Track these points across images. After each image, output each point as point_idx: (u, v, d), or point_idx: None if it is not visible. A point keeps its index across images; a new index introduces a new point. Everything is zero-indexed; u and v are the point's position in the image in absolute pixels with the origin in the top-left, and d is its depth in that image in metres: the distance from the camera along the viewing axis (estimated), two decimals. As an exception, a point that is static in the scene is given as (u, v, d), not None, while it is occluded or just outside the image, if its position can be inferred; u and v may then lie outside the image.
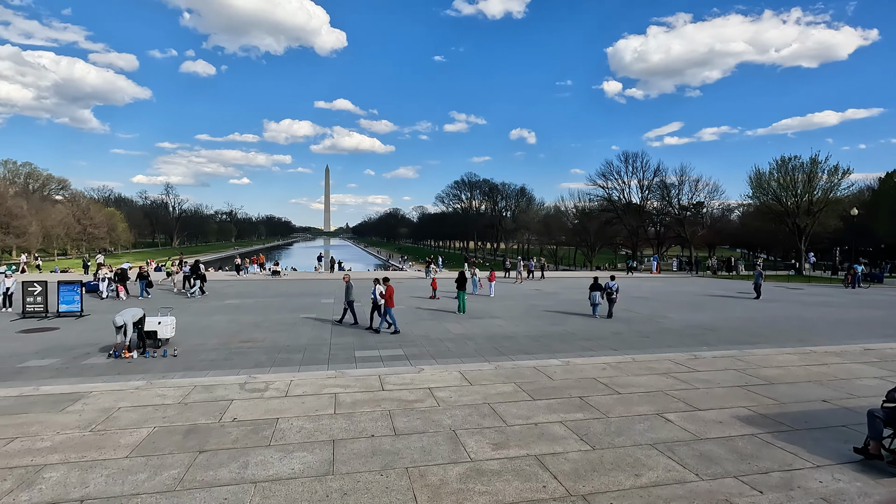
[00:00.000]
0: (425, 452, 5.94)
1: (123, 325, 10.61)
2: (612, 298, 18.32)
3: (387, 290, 14.36)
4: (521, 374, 9.44)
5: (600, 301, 18.36)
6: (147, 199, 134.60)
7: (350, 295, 15.52)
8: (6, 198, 75.15)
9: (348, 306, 15.77)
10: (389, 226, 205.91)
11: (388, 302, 14.26)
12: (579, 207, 77.20)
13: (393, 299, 14.42)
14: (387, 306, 14.23)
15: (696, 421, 7.08)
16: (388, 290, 14.36)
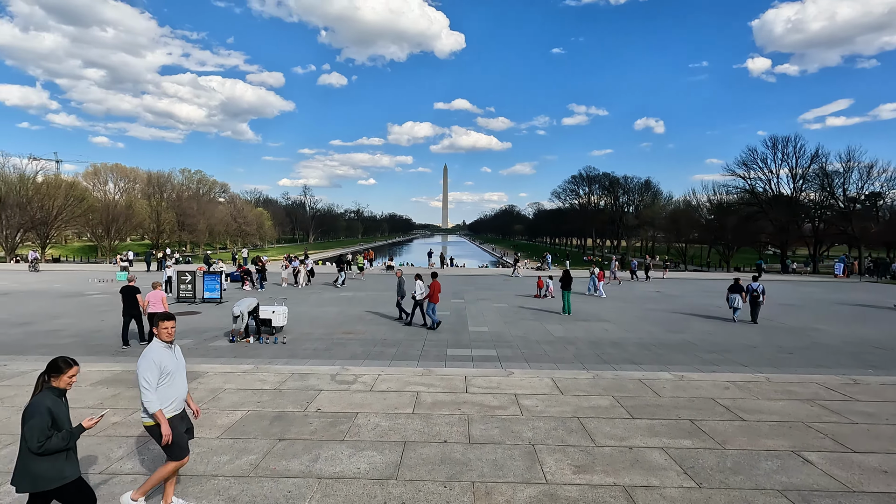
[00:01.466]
0: (497, 467, 5.45)
1: (240, 314, 11.73)
2: (758, 301, 16.14)
3: (432, 285, 14.34)
4: (621, 387, 8.41)
5: (741, 305, 16.41)
6: (288, 199, 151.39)
7: (402, 291, 15.51)
8: (182, 200, 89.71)
9: (399, 304, 15.67)
10: (505, 223, 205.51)
11: (432, 297, 14.23)
12: (714, 201, 69.04)
13: (437, 295, 14.38)
14: (430, 302, 14.21)
15: (849, 466, 5.57)
16: (434, 286, 14.33)
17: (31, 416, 3.35)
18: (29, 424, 3.33)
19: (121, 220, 71.63)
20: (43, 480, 3.40)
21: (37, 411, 3.36)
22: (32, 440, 3.32)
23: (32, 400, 3.46)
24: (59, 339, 12.39)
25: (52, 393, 3.52)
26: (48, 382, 3.55)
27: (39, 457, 3.37)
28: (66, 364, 3.58)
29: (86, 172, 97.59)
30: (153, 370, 4.17)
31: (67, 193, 64.53)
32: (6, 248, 55.03)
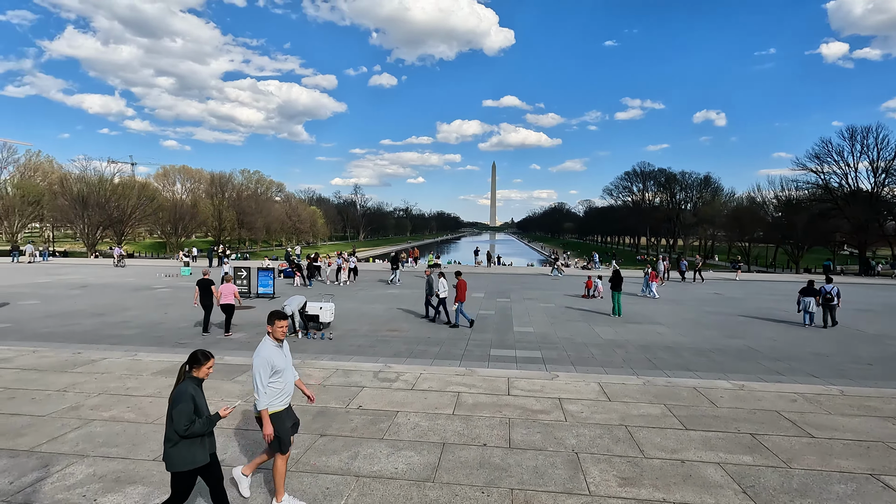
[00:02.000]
0: (537, 474, 5.26)
1: (292, 313, 12.07)
2: (832, 305, 15.11)
3: (458, 283, 14.32)
4: (674, 395, 7.95)
5: (815, 309, 15.46)
6: (340, 198, 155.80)
7: (431, 290, 15.34)
8: (242, 199, 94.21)
9: (428, 301, 15.52)
10: (554, 220, 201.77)
11: (458, 296, 14.26)
12: (782, 198, 64.47)
13: (464, 294, 14.35)
14: (457, 300, 14.27)
15: (939, 495, 4.95)
16: (460, 284, 14.29)
17: (177, 402, 3.67)
18: (177, 409, 3.64)
19: (186, 219, 76.27)
20: (179, 461, 3.72)
21: (182, 398, 3.68)
22: (179, 424, 3.63)
23: (178, 388, 3.77)
24: (127, 330, 13.28)
25: (192, 382, 3.84)
26: (189, 373, 3.86)
27: (181, 440, 3.68)
28: (204, 357, 3.90)
29: (156, 174, 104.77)
30: (266, 368, 4.35)
31: (140, 194, 69.44)
32: (87, 244, 59.91)
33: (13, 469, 5.18)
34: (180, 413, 3.63)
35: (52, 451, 5.59)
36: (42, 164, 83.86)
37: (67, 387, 7.89)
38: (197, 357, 3.87)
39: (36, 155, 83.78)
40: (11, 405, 7.07)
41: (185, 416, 3.64)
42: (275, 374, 4.41)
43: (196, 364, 3.86)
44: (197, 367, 3.86)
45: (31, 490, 4.76)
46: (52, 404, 7.10)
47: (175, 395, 3.71)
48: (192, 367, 3.86)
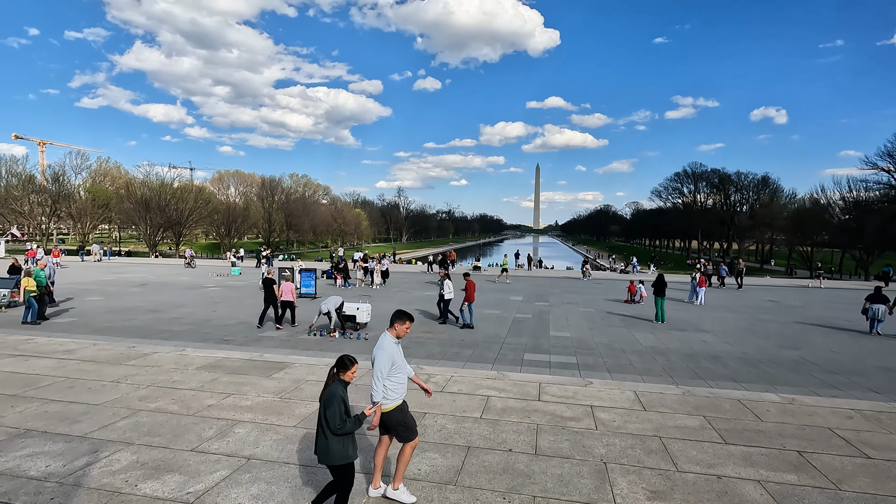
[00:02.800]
0: (562, 483, 5.14)
1: (328, 311, 12.44)
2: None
3: (467, 284, 14.45)
4: (716, 407, 7.56)
5: (884, 317, 14.62)
6: (384, 201, 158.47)
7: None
8: (290, 202, 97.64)
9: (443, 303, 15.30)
10: (600, 223, 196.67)
11: (468, 296, 14.35)
12: (849, 199, 60.03)
13: (473, 294, 14.45)
14: (466, 300, 14.38)
15: None
16: (469, 285, 14.42)
17: (330, 403, 3.98)
18: (331, 409, 3.96)
19: (239, 221, 79.78)
20: (336, 456, 4.04)
21: (334, 399, 3.99)
22: (334, 422, 3.95)
23: (328, 389, 4.08)
24: (178, 327, 14.04)
25: (341, 384, 4.15)
26: (337, 375, 4.17)
27: (335, 436, 3.99)
28: (350, 361, 4.19)
29: (212, 178, 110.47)
30: (387, 362, 4.57)
31: (197, 197, 73.29)
32: (149, 244, 63.88)
33: (67, 453, 5.59)
34: (334, 413, 3.94)
35: (102, 438, 6.00)
36: (111, 169, 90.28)
37: (120, 378, 8.43)
38: (344, 362, 4.16)
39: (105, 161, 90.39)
40: (71, 394, 7.64)
41: (339, 415, 3.94)
42: (394, 368, 4.64)
43: (343, 368, 4.15)
44: (344, 370, 4.15)
45: (80, 473, 5.12)
46: (106, 394, 7.61)
47: (327, 397, 4.02)
48: (339, 371, 4.16)
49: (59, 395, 7.56)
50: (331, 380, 4.16)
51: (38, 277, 14.38)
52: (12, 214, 62.88)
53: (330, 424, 3.95)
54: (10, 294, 16.72)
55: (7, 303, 16.53)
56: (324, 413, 3.99)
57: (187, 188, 77.93)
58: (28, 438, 5.96)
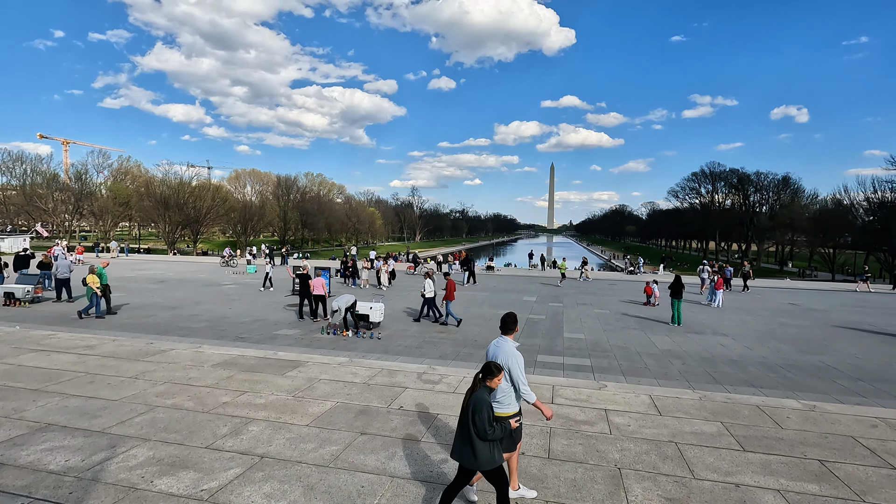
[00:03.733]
0: (575, 488, 5.08)
1: (338, 309, 12.52)
2: None
3: (448, 283, 14.81)
4: (734, 413, 7.40)
5: None
6: (397, 200, 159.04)
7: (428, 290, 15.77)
8: (305, 200, 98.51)
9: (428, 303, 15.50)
10: (615, 223, 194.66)
11: (447, 295, 14.69)
12: (874, 200, 58.41)
13: (453, 293, 14.85)
14: (445, 298, 14.72)
15: None
16: (449, 284, 14.78)
17: (480, 409, 4.04)
18: (479, 416, 4.02)
19: (255, 219, 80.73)
20: (484, 461, 4.09)
21: (483, 405, 4.06)
22: (483, 428, 4.01)
23: (476, 395, 4.13)
24: (195, 324, 14.24)
25: (486, 390, 4.22)
26: (483, 381, 4.24)
27: (482, 442, 4.06)
28: (497, 369, 4.27)
29: (229, 177, 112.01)
30: (523, 365, 4.73)
31: (214, 195, 74.33)
32: (168, 242, 64.99)
33: (86, 448, 5.69)
34: (483, 419, 4.00)
35: (119, 434, 6.10)
36: (131, 168, 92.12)
37: (139, 374, 8.57)
38: (491, 368, 4.23)
39: (126, 160, 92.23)
40: (91, 388, 7.79)
41: (487, 421, 4.02)
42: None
43: (490, 375, 4.21)
44: (490, 377, 4.20)
45: (98, 468, 5.21)
46: (125, 390, 7.75)
47: (475, 403, 4.07)
48: (486, 377, 4.22)
49: (79, 389, 7.72)
50: (476, 385, 4.22)
51: (101, 275, 15.28)
52: (37, 212, 64.55)
53: (479, 430, 4.02)
54: (34, 290, 17.13)
55: (31, 298, 16.94)
56: (471, 419, 4.04)
57: (205, 187, 79.04)
58: (49, 432, 6.09)
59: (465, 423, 4.11)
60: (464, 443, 4.14)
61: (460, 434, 4.18)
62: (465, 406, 4.15)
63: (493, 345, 4.92)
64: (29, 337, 11.32)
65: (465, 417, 4.13)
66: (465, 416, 4.13)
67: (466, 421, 4.09)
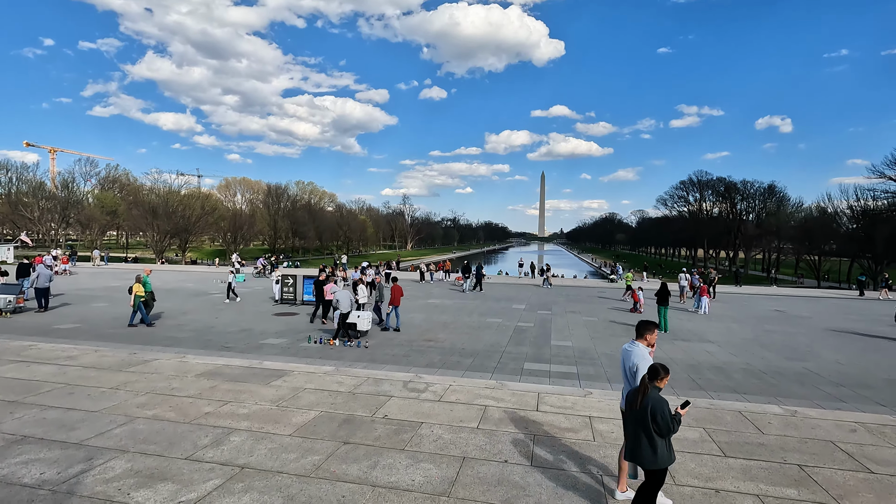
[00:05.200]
0: (557, 496, 5.08)
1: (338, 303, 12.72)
2: None
3: (393, 289, 15.19)
4: (717, 419, 7.47)
5: None
6: (389, 208, 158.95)
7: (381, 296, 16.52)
8: (296, 209, 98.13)
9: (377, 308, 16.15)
10: (605, 231, 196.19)
11: (392, 300, 15.13)
12: (857, 208, 59.49)
13: (399, 298, 15.26)
14: (391, 303, 15.13)
15: None
16: (395, 290, 15.17)
17: (662, 408, 4.22)
18: (662, 414, 4.20)
19: (245, 228, 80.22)
20: (664, 460, 4.30)
21: (664, 404, 4.25)
22: (667, 425, 4.20)
23: (652, 396, 4.29)
24: (181, 333, 14.09)
25: (656, 391, 4.37)
26: (651, 383, 4.41)
27: (662, 440, 4.27)
28: (664, 370, 4.44)
29: (219, 185, 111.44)
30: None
31: (203, 204, 73.83)
32: (156, 251, 64.30)
33: (63, 460, 5.60)
34: (666, 417, 4.20)
35: (98, 445, 6.00)
36: (119, 177, 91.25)
37: (120, 385, 8.45)
38: (658, 370, 4.42)
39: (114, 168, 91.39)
40: (70, 400, 7.66)
41: (670, 418, 4.22)
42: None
43: (657, 377, 4.40)
44: (657, 378, 4.40)
45: (74, 481, 5.12)
46: (105, 401, 7.63)
47: (654, 404, 4.23)
48: (652, 379, 4.41)
49: (58, 401, 7.59)
50: (645, 388, 4.37)
51: (145, 283, 15.62)
52: (22, 220, 63.64)
53: (661, 428, 4.20)
54: (17, 300, 16.86)
55: (12, 309, 16.66)
56: (652, 419, 4.21)
57: (194, 195, 78.54)
58: (25, 445, 5.98)
59: (643, 423, 4.26)
60: (641, 444, 4.31)
61: (635, 436, 4.36)
62: (640, 408, 4.28)
63: (625, 348, 5.21)
64: (8, 348, 11.13)
65: (641, 419, 4.29)
66: (641, 418, 4.28)
67: (645, 422, 4.25)
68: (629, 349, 5.13)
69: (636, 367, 4.85)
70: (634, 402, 4.38)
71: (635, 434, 4.36)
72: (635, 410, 4.34)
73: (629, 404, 4.54)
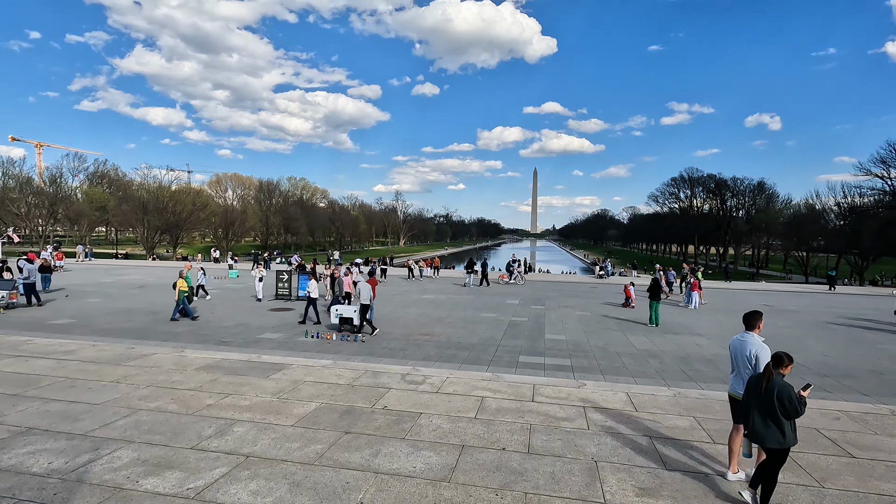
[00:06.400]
0: (554, 480, 5.27)
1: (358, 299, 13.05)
2: None
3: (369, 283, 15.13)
4: (706, 408, 7.71)
5: None
6: (381, 204, 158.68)
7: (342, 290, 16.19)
8: (288, 205, 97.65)
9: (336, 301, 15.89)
10: (597, 227, 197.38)
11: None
12: (844, 205, 60.45)
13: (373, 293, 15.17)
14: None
15: None
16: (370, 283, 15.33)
17: (788, 392, 4.54)
18: (789, 398, 4.52)
19: (236, 224, 79.73)
20: (790, 440, 4.64)
21: (790, 388, 4.57)
22: (794, 407, 4.52)
23: (777, 381, 4.63)
24: (177, 328, 14.14)
25: (780, 377, 4.70)
26: (776, 369, 4.75)
27: (788, 422, 4.60)
28: (788, 358, 4.80)
29: (210, 181, 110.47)
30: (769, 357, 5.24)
31: (194, 200, 73.29)
32: (146, 247, 63.82)
33: (70, 450, 5.70)
34: (793, 400, 4.51)
35: (103, 436, 6.11)
36: (108, 172, 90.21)
37: (120, 378, 8.53)
38: (782, 358, 4.79)
39: (103, 164, 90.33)
40: (72, 393, 7.74)
41: (797, 401, 4.52)
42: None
43: (781, 364, 4.76)
44: (781, 365, 4.76)
45: (83, 470, 5.23)
46: (107, 394, 7.72)
47: (781, 387, 4.57)
48: (777, 366, 4.77)
49: (60, 394, 7.67)
50: (771, 374, 4.68)
51: (187, 278, 16.05)
52: (9, 216, 62.78)
53: (788, 410, 4.52)
54: (10, 295, 16.78)
55: (6, 304, 16.59)
56: (779, 403, 4.53)
57: (185, 191, 77.94)
58: (30, 436, 6.07)
59: (770, 407, 4.58)
60: (768, 425, 4.63)
61: (762, 419, 4.67)
62: (766, 392, 4.61)
63: (738, 339, 5.59)
64: (5, 343, 11.13)
65: (767, 403, 4.60)
66: (767, 402, 4.60)
67: (772, 405, 4.57)
68: (743, 339, 5.51)
69: (756, 355, 5.25)
70: (759, 387, 4.71)
71: (761, 417, 4.66)
72: (761, 395, 4.65)
73: (753, 389, 4.83)
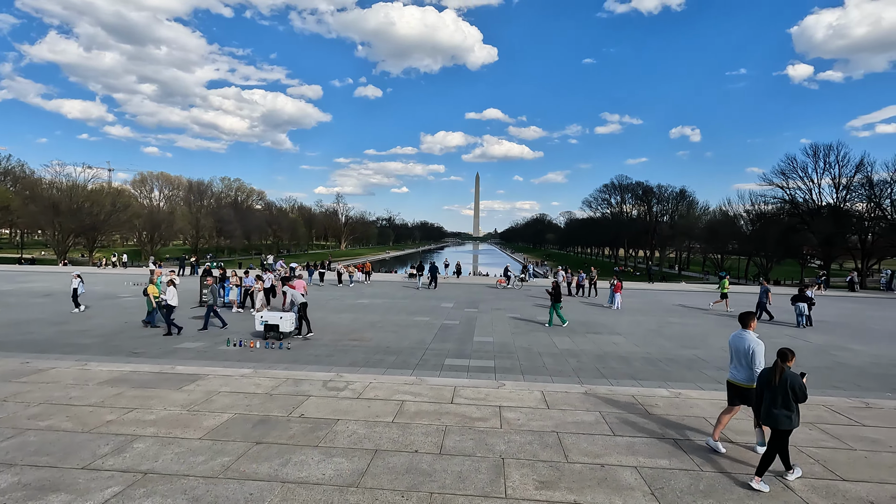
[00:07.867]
0: (460, 479, 5.46)
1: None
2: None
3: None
4: (612, 403, 8.24)
5: (807, 312, 18.53)
6: (322, 207, 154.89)
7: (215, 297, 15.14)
8: (221, 207, 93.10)
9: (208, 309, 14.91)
10: (537, 231, 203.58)
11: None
12: (752, 212, 66.26)
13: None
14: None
15: (833, 495, 5.29)
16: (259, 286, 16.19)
17: (799, 381, 5.39)
18: (800, 386, 5.37)
19: (163, 226, 74.98)
20: (796, 422, 5.41)
21: (800, 380, 5.42)
22: (804, 393, 5.37)
23: (789, 374, 5.41)
24: (85, 339, 13.14)
25: (788, 370, 5.45)
26: (784, 363, 5.49)
27: (796, 406, 5.38)
28: (791, 354, 5.53)
29: (133, 180, 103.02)
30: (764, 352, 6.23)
31: (114, 200, 68.16)
32: (57, 251, 58.53)
33: (-63, 478, 5.18)
34: (803, 387, 5.37)
35: (-20, 461, 5.60)
36: (13, 168, 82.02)
37: (9, 396, 7.84)
38: (786, 353, 5.53)
39: (6, 159, 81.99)
40: (-52, 415, 7.01)
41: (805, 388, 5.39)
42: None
43: (787, 359, 5.50)
44: (789, 360, 5.50)
45: (-50, 498, 4.79)
46: (-10, 414, 7.06)
47: (792, 377, 5.39)
48: (784, 360, 5.49)
49: (-68, 417, 6.93)
50: (782, 368, 5.43)
51: (158, 285, 15.21)
52: None
53: (800, 396, 5.34)
54: None
55: None
56: (793, 389, 5.32)
57: (103, 190, 72.29)
58: None
59: (783, 394, 5.34)
60: (780, 409, 5.36)
61: (773, 404, 5.40)
62: (779, 382, 5.38)
63: (736, 336, 6.40)
64: None
65: (780, 390, 5.36)
66: (780, 390, 5.36)
67: (785, 392, 5.34)
68: (740, 336, 6.33)
69: (752, 350, 6.10)
70: (772, 378, 5.46)
71: (774, 403, 5.39)
72: (774, 386, 5.40)
73: (766, 382, 5.54)
